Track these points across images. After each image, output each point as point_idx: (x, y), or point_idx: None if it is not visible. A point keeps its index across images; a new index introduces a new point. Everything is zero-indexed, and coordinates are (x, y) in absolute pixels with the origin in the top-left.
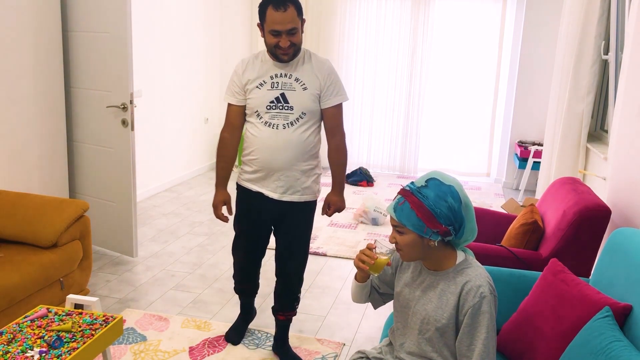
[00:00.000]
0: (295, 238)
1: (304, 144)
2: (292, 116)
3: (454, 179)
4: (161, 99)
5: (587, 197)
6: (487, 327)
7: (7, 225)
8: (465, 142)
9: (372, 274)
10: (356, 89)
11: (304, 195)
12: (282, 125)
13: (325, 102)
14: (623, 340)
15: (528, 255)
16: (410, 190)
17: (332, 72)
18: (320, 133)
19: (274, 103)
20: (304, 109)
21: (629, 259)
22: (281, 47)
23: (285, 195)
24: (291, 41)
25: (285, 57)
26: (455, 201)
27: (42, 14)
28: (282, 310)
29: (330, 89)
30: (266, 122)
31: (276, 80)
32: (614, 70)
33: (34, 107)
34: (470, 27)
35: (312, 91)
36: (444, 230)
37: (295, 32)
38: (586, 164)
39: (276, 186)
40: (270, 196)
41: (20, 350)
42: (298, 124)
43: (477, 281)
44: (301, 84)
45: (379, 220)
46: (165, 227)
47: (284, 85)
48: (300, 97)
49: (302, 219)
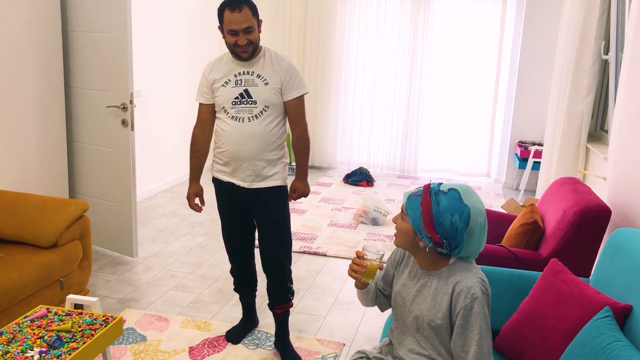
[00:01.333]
0: (271, 223)
1: (269, 135)
2: (256, 109)
3: (477, 202)
4: (161, 99)
5: (587, 197)
6: (480, 328)
7: (7, 225)
8: (465, 142)
9: (366, 281)
10: (356, 89)
11: (272, 181)
12: (247, 118)
13: (286, 95)
14: (623, 340)
15: (528, 255)
16: (430, 189)
17: (291, 67)
18: (286, 125)
19: (239, 99)
20: (266, 102)
21: (629, 259)
22: (239, 45)
23: (255, 183)
24: (248, 39)
25: (244, 54)
26: (461, 221)
27: (42, 14)
28: (277, 304)
29: (290, 83)
30: (233, 117)
31: (239, 78)
32: (614, 70)
33: (34, 107)
34: (470, 27)
35: (273, 85)
36: (436, 240)
37: (252, 31)
38: (586, 164)
39: (245, 175)
40: (240, 185)
41: (20, 350)
42: (262, 117)
43: (468, 282)
44: (263, 80)
45: (379, 220)
46: (165, 227)
47: (247, 82)
48: (262, 92)
49: (274, 204)
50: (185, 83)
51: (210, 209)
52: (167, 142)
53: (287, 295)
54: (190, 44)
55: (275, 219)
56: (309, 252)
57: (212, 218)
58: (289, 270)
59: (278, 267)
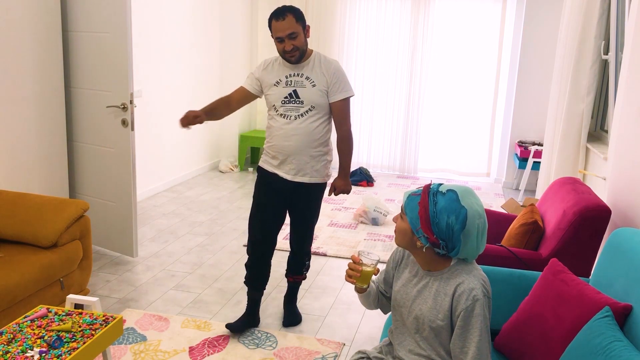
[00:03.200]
0: (304, 214)
1: (313, 132)
2: (303, 109)
3: (476, 204)
4: (161, 99)
5: (587, 197)
6: (480, 330)
7: (7, 225)
8: (465, 142)
9: (361, 286)
10: (356, 89)
11: (313, 178)
12: (294, 116)
13: (332, 97)
14: (623, 340)
15: (528, 255)
16: (430, 189)
17: (338, 71)
18: (331, 124)
19: (287, 98)
20: (312, 102)
21: (629, 259)
22: (286, 50)
23: (297, 177)
24: (294, 45)
25: (292, 58)
26: (458, 223)
27: (42, 14)
28: (292, 274)
29: (336, 86)
30: (281, 114)
31: (290, 79)
32: (614, 70)
33: (34, 107)
34: (470, 27)
35: (320, 87)
36: (433, 240)
37: (296, 36)
38: (586, 164)
39: (289, 169)
40: (284, 177)
41: (20, 350)
42: (307, 115)
43: (470, 284)
44: (311, 82)
45: (379, 220)
46: (165, 227)
47: (296, 83)
48: (310, 93)
49: (310, 199)
50: (186, 83)
51: (210, 208)
52: (167, 142)
53: (302, 269)
54: (190, 44)
55: (309, 213)
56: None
57: (212, 218)
58: (308, 252)
59: (300, 249)
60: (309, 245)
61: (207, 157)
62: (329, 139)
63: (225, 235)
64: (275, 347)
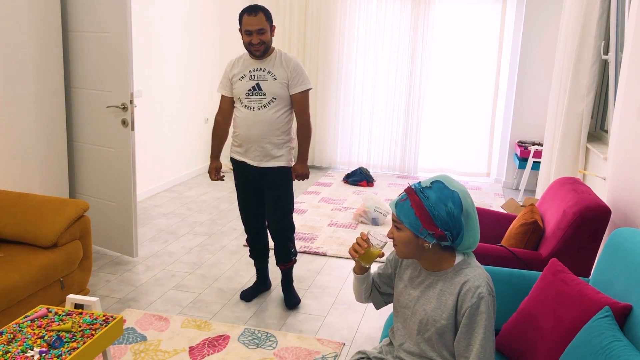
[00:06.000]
0: (276, 199)
1: (275, 121)
2: (265, 100)
3: (460, 185)
4: (161, 99)
5: (587, 197)
6: (485, 328)
7: (7, 225)
8: (465, 142)
9: (363, 264)
10: (356, 89)
11: (278, 162)
12: (257, 107)
13: (292, 90)
14: (623, 340)
15: (528, 255)
16: (414, 189)
17: (297, 66)
18: (292, 115)
19: (251, 91)
20: (273, 94)
21: (629, 259)
22: (253, 43)
23: (262, 162)
24: (260, 39)
25: (257, 52)
26: (456, 207)
27: (42, 14)
28: (281, 262)
29: (296, 80)
30: (245, 106)
31: (253, 74)
32: (614, 70)
33: (34, 107)
34: (470, 27)
35: (281, 80)
36: (439, 234)
37: (264, 32)
38: (586, 164)
39: (254, 155)
40: (251, 164)
41: (20, 350)
42: (269, 106)
43: (475, 282)
44: (272, 75)
45: (379, 220)
46: (165, 227)
47: (259, 77)
48: (271, 85)
49: (279, 181)
50: (186, 83)
51: (210, 208)
52: (167, 142)
53: (290, 256)
54: (190, 44)
55: (279, 195)
56: (309, 252)
57: (212, 218)
58: (291, 237)
59: (280, 234)
60: (290, 232)
61: (207, 157)
62: (290, 127)
63: (225, 235)
64: (275, 347)
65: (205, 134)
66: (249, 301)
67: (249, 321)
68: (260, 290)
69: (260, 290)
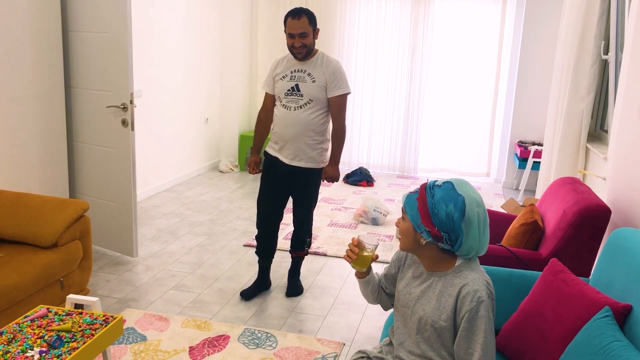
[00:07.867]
0: (302, 196)
1: (310, 122)
2: (302, 101)
3: (473, 192)
4: (161, 99)
5: (587, 197)
6: (485, 331)
7: (7, 225)
8: (465, 142)
9: (359, 268)
10: (356, 89)
11: (308, 163)
12: (294, 107)
13: (330, 93)
14: (623, 340)
15: (528, 255)
16: (427, 185)
17: (337, 70)
18: (328, 117)
19: (290, 91)
20: (311, 96)
21: (629, 259)
22: (295, 46)
23: (294, 161)
24: (302, 42)
25: (299, 55)
26: (456, 211)
27: (42, 14)
28: (294, 250)
29: (334, 83)
30: (284, 105)
31: (294, 74)
32: (614, 70)
33: (34, 107)
34: (470, 27)
35: (319, 83)
36: (435, 233)
37: (306, 36)
38: (586, 164)
39: (287, 153)
40: (283, 161)
41: (20, 350)
42: (305, 107)
43: (474, 285)
44: (312, 78)
45: (379, 220)
46: (165, 227)
47: (299, 78)
48: (309, 87)
49: (307, 182)
50: (186, 83)
51: (210, 208)
52: (167, 142)
53: (304, 246)
54: (190, 44)
55: (307, 195)
56: (309, 252)
57: (212, 218)
58: (309, 230)
59: (301, 226)
60: (309, 225)
61: (207, 157)
62: (325, 129)
63: (225, 235)
64: (275, 347)
65: (205, 133)
66: (248, 300)
67: (249, 321)
68: (260, 290)
69: (260, 289)
